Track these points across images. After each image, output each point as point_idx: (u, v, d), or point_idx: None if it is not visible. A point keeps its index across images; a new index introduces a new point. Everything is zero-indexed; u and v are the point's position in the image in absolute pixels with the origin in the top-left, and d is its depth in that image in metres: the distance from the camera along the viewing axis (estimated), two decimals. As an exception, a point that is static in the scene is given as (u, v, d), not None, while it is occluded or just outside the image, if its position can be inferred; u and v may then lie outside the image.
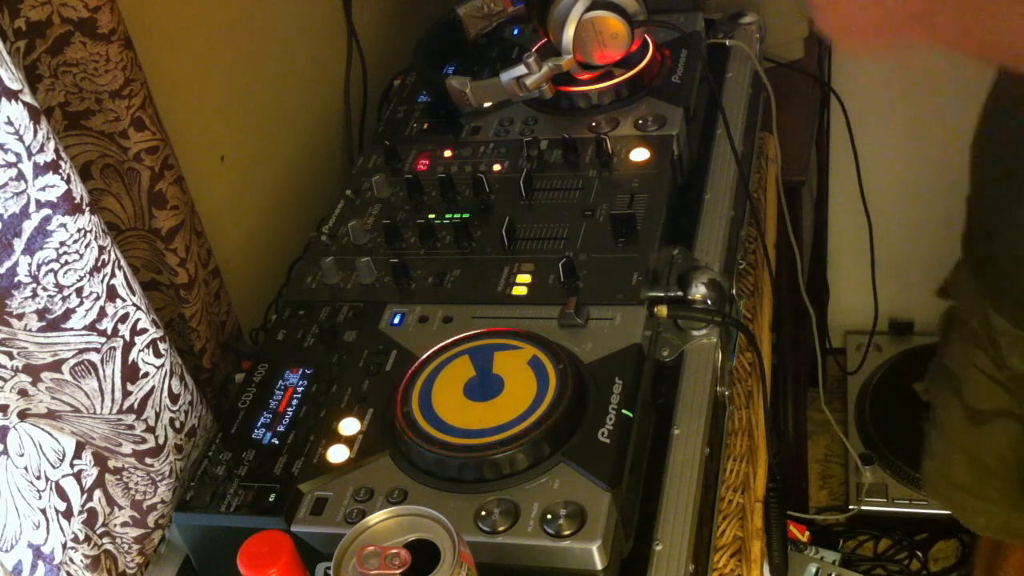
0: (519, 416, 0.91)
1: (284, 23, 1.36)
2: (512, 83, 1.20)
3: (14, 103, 0.74)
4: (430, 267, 1.12)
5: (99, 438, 0.92)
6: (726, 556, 1.02)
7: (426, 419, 0.93)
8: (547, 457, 0.89)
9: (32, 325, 0.81)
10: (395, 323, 1.07)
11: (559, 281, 1.06)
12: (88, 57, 0.91)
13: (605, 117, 1.24)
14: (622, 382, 0.94)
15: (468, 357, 0.98)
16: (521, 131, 1.26)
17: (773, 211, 1.41)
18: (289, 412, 1.00)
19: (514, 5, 1.41)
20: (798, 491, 2.08)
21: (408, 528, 0.78)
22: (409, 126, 1.33)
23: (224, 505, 0.93)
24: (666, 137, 1.20)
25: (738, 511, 1.05)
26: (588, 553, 0.84)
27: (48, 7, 0.88)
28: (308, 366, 1.04)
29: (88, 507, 0.95)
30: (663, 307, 1.02)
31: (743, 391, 1.15)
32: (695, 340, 1.05)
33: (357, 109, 1.51)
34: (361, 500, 0.90)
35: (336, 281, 1.13)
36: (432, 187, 1.20)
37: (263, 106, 1.32)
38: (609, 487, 0.86)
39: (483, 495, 0.88)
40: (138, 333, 0.90)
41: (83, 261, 0.82)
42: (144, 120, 0.97)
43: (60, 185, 0.79)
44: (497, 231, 1.12)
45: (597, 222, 1.12)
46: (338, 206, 1.22)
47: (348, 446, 0.95)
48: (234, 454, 0.97)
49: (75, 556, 0.93)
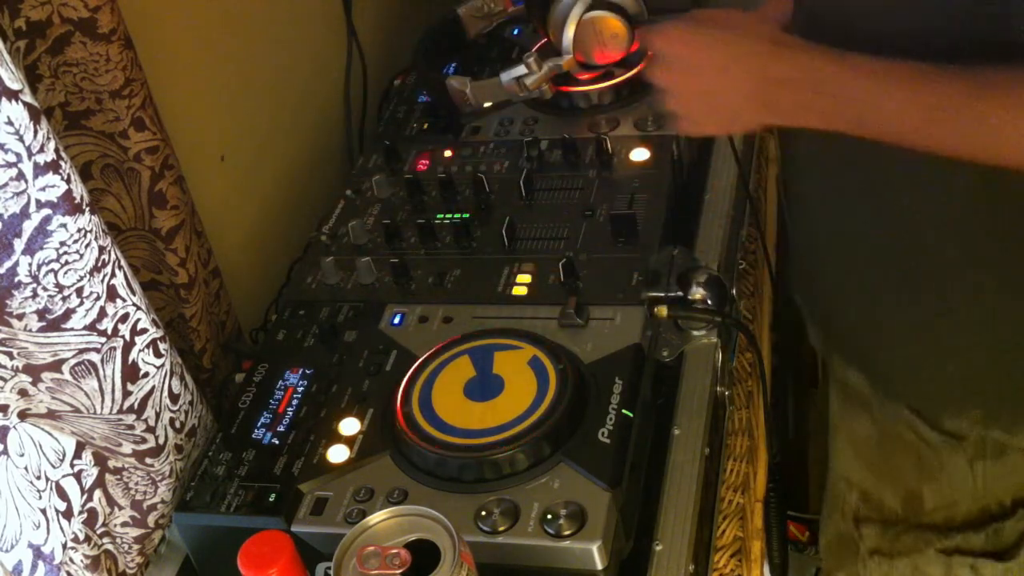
0: (519, 416, 0.91)
1: (284, 23, 1.36)
2: (512, 83, 1.20)
3: (14, 103, 0.74)
4: (430, 267, 1.12)
5: (99, 438, 0.92)
6: (726, 556, 1.02)
7: (426, 419, 0.93)
8: (547, 457, 0.89)
9: (32, 325, 0.81)
10: (395, 323, 1.07)
11: (559, 281, 1.06)
12: (88, 57, 0.91)
13: (605, 117, 1.25)
14: (622, 382, 0.94)
15: (468, 357, 0.98)
16: (521, 131, 1.26)
17: (773, 211, 1.41)
18: (289, 412, 1.00)
19: (514, 5, 1.41)
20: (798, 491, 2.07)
21: (408, 528, 0.78)
22: (409, 126, 1.33)
23: (224, 505, 0.93)
24: (666, 137, 1.20)
25: (738, 511, 1.05)
26: (588, 553, 0.84)
27: (48, 7, 0.88)
28: (308, 366, 1.04)
29: (88, 507, 0.95)
30: (663, 307, 1.02)
31: (743, 391, 1.15)
32: (695, 340, 1.05)
33: (357, 109, 1.51)
34: (361, 500, 0.90)
35: (336, 281, 1.13)
36: (432, 187, 1.20)
37: (263, 106, 1.32)
38: (609, 487, 0.86)
39: (483, 495, 0.88)
40: (138, 333, 0.90)
41: (83, 261, 0.82)
42: (144, 120, 0.97)
43: (60, 185, 0.79)
44: (497, 231, 1.12)
45: (597, 222, 1.12)
46: (338, 206, 1.23)
47: (348, 446, 0.95)
48: (234, 454, 0.97)
49: (75, 556, 0.93)
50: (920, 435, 1.09)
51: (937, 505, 1.14)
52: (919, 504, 1.15)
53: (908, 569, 1.19)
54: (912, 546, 1.17)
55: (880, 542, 1.20)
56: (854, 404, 1.16)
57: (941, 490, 1.13)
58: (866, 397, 1.13)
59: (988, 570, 1.15)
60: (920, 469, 1.12)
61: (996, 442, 1.07)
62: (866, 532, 1.21)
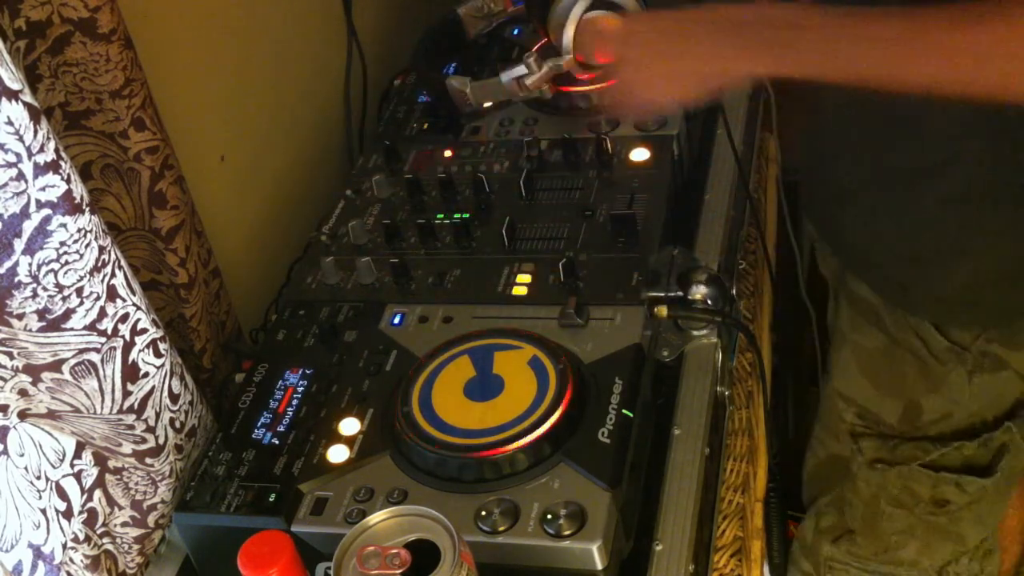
0: (519, 416, 0.91)
1: (284, 23, 1.36)
2: (512, 83, 1.20)
3: (14, 103, 0.74)
4: (430, 267, 1.12)
5: (99, 438, 0.92)
6: (726, 556, 1.02)
7: (426, 419, 0.93)
8: (547, 457, 0.89)
9: (32, 325, 0.81)
10: (395, 323, 1.07)
11: (559, 281, 1.06)
12: (88, 57, 0.91)
13: (605, 117, 1.24)
14: (622, 382, 0.94)
15: (468, 357, 0.98)
16: (521, 131, 1.26)
17: (773, 211, 1.41)
18: (289, 412, 1.00)
19: (514, 5, 1.41)
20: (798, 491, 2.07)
21: (408, 528, 0.78)
22: (409, 126, 1.33)
23: (224, 505, 0.93)
24: (666, 137, 1.20)
25: (738, 511, 1.05)
26: (588, 553, 0.84)
27: (48, 7, 0.88)
28: (308, 366, 1.04)
29: (88, 507, 0.95)
30: (663, 307, 1.02)
31: (743, 391, 1.15)
32: (695, 340, 1.05)
33: (357, 109, 1.51)
34: (361, 500, 0.90)
35: (336, 281, 1.13)
36: (432, 187, 1.20)
37: (263, 106, 1.32)
38: (609, 487, 0.86)
39: (483, 495, 0.88)
40: (138, 333, 0.90)
41: (83, 261, 0.82)
42: (144, 120, 0.97)
43: (60, 185, 0.78)
44: (497, 231, 1.12)
45: (597, 222, 1.12)
46: (338, 206, 1.23)
47: (348, 446, 0.95)
48: (234, 454, 0.97)
49: (75, 556, 0.93)
50: (928, 345, 1.12)
51: (933, 417, 1.17)
52: (917, 415, 1.18)
53: (899, 483, 1.21)
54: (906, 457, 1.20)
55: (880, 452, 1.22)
56: (865, 317, 1.18)
57: (939, 401, 1.16)
58: (877, 309, 1.15)
59: (972, 485, 1.19)
60: (923, 379, 1.15)
61: (996, 356, 1.11)
62: (864, 445, 1.24)
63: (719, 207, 1.19)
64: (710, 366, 1.03)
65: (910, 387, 1.17)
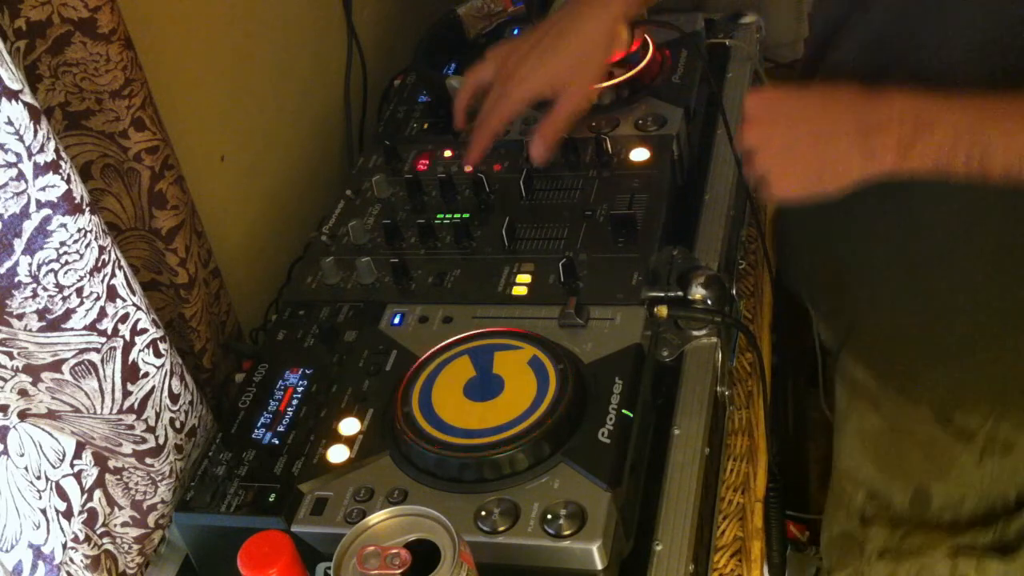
0: (519, 416, 0.91)
1: (284, 23, 1.36)
2: (512, 83, 1.20)
3: (14, 103, 0.74)
4: (430, 267, 1.12)
5: (99, 438, 0.92)
6: (726, 556, 1.02)
7: (426, 419, 0.93)
8: (547, 457, 0.89)
9: (32, 325, 0.81)
10: (395, 323, 1.07)
11: (559, 281, 1.06)
12: (88, 57, 0.91)
13: (605, 117, 1.24)
14: (622, 382, 0.94)
15: (468, 357, 0.98)
16: (521, 131, 1.26)
17: (773, 211, 1.41)
18: (289, 412, 1.00)
19: (514, 5, 1.41)
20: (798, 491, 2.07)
21: (408, 528, 0.78)
22: (409, 126, 1.33)
23: (224, 505, 0.93)
24: (666, 137, 1.20)
25: (738, 511, 1.05)
26: (588, 553, 0.84)
27: (48, 7, 0.88)
28: (308, 366, 1.04)
29: (88, 507, 0.95)
30: (663, 307, 1.02)
31: (743, 391, 1.15)
32: (695, 340, 1.05)
33: (357, 109, 1.51)
34: (361, 500, 0.90)
35: (336, 281, 1.13)
36: (432, 187, 1.20)
37: (263, 106, 1.32)
38: (609, 487, 0.86)
39: (483, 495, 0.88)
40: (138, 333, 0.90)
41: (83, 261, 0.82)
42: (144, 120, 0.97)
43: (60, 185, 0.79)
44: (497, 231, 1.12)
45: (597, 222, 1.12)
46: (338, 206, 1.22)
47: (348, 446, 0.95)
48: (234, 454, 0.97)
49: (75, 556, 0.93)
50: (931, 430, 1.09)
51: (945, 503, 1.14)
52: (927, 502, 1.15)
53: (914, 569, 1.19)
54: (920, 546, 1.18)
55: (888, 542, 1.20)
56: (862, 399, 1.16)
57: (949, 487, 1.13)
58: (874, 392, 1.13)
59: (992, 569, 1.16)
60: (930, 464, 1.12)
61: (1005, 439, 1.07)
62: (873, 532, 1.21)
63: (719, 207, 1.19)
64: (710, 366, 1.03)
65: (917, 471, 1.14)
